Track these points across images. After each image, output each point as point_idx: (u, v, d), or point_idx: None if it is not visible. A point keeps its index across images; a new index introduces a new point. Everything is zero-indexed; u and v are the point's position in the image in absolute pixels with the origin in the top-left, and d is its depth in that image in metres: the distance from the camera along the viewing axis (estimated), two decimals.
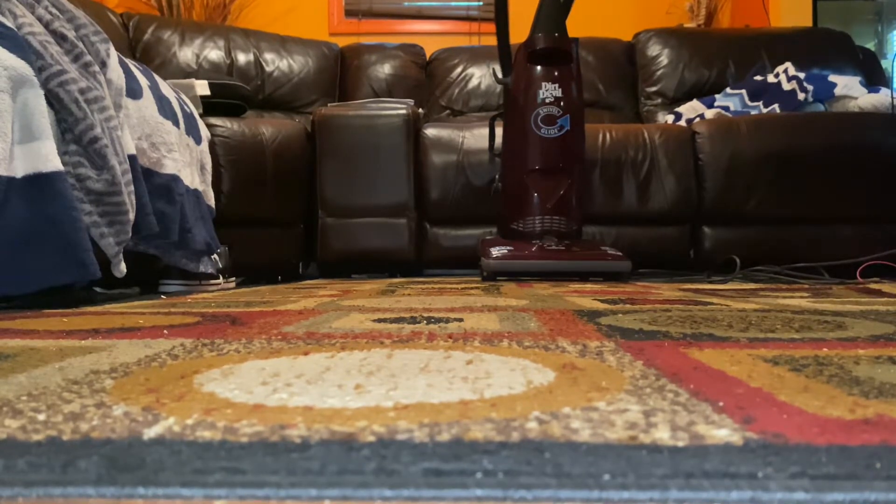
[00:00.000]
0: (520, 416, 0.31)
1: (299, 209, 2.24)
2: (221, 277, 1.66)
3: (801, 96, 2.41)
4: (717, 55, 2.88)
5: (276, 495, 0.22)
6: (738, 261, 1.92)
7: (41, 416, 0.31)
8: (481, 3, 3.50)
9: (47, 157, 0.95)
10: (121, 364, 0.46)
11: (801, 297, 1.09)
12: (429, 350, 0.51)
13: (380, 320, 0.73)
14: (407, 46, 3.02)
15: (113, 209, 1.08)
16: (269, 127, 2.08)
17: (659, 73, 2.88)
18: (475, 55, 2.96)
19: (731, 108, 2.56)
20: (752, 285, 1.54)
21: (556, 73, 1.86)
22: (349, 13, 3.54)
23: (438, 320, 0.73)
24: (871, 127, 2.21)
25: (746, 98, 2.58)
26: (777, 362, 0.45)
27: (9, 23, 0.98)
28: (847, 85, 2.44)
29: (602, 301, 1.00)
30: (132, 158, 1.19)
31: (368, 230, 2.25)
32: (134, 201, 1.16)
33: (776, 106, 2.44)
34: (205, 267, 1.53)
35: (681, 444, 0.26)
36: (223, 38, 2.76)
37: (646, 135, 2.24)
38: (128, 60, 1.32)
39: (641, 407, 0.32)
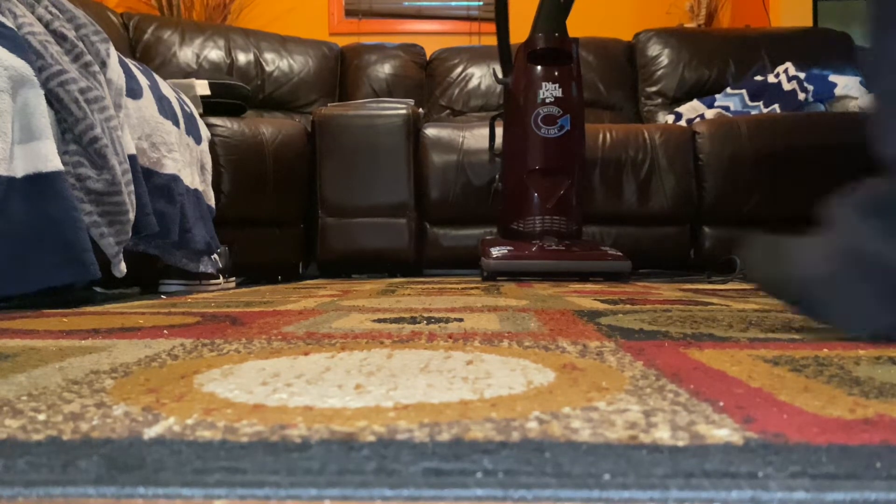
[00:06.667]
0: (520, 416, 0.31)
1: (299, 209, 2.24)
2: (221, 277, 1.66)
3: (801, 96, 2.41)
4: (717, 55, 2.87)
5: (276, 495, 0.22)
6: (738, 261, 1.92)
7: (41, 416, 0.31)
8: (481, 3, 3.49)
9: (47, 156, 0.95)
10: (121, 364, 0.46)
11: None
12: (429, 350, 0.51)
13: (380, 320, 0.73)
14: (407, 46, 3.02)
15: (113, 209, 1.08)
16: (269, 127, 2.08)
17: (659, 73, 2.88)
18: (475, 55, 2.96)
19: (732, 108, 2.56)
20: (752, 285, 1.54)
21: (556, 73, 1.86)
22: (349, 13, 3.54)
23: (438, 320, 0.72)
24: None
25: (746, 98, 2.58)
26: (777, 362, 0.45)
27: (9, 23, 0.98)
28: (847, 85, 2.44)
29: (602, 301, 1.00)
30: (132, 158, 1.18)
31: (368, 230, 2.24)
32: (134, 201, 1.16)
33: (776, 106, 2.44)
34: (205, 267, 1.53)
35: (681, 443, 0.26)
36: (223, 37, 2.76)
37: (646, 135, 2.24)
38: (128, 60, 1.32)
39: (642, 407, 0.32)
